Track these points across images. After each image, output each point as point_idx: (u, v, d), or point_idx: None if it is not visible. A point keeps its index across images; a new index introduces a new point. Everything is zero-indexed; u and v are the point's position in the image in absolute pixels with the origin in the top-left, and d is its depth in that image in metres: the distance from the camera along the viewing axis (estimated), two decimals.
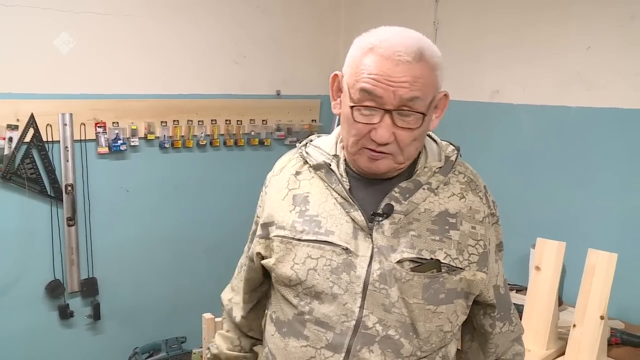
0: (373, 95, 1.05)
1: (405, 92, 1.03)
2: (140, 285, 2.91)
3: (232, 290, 1.42)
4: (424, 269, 1.10)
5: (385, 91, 1.04)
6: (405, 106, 1.05)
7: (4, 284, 2.55)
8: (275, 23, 3.13)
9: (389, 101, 1.04)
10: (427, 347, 1.13)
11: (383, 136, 1.06)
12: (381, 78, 1.04)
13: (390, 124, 1.06)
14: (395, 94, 1.04)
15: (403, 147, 1.09)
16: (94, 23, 2.61)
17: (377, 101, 1.05)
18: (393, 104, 1.04)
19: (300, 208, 1.18)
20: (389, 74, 1.03)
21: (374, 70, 1.04)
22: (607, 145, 2.25)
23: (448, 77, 3.07)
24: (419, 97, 1.05)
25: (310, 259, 1.14)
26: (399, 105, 1.05)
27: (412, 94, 1.04)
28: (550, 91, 2.43)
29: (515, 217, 2.49)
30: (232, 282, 1.43)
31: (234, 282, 1.42)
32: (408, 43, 1.05)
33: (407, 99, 1.04)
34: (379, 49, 1.05)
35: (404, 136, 1.07)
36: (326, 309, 1.12)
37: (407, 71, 1.03)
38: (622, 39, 2.19)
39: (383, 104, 1.05)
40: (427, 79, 1.05)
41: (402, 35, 1.07)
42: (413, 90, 1.04)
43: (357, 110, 1.07)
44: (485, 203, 1.19)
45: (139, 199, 2.85)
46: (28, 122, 2.48)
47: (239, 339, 1.41)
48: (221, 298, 1.45)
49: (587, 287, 1.84)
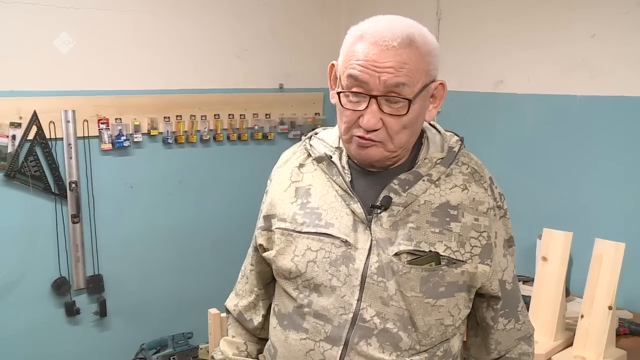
0: (359, 81, 1.05)
1: (389, 78, 1.03)
2: (146, 281, 2.92)
3: (237, 295, 1.39)
4: (422, 262, 1.09)
5: (370, 77, 1.04)
6: (392, 92, 1.04)
7: (10, 282, 2.56)
8: (276, 16, 3.12)
9: (375, 87, 1.04)
10: (426, 341, 1.12)
11: (369, 121, 1.05)
12: (367, 64, 1.04)
13: (376, 109, 1.05)
14: (380, 80, 1.03)
15: (392, 134, 1.08)
16: (95, 19, 2.60)
17: (364, 87, 1.05)
18: (379, 89, 1.04)
19: (302, 200, 1.18)
20: (374, 59, 1.03)
21: (361, 57, 1.04)
22: (613, 133, 2.23)
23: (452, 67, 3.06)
24: (404, 83, 1.04)
25: (309, 251, 1.13)
26: (385, 91, 1.04)
27: (397, 80, 1.03)
28: (555, 80, 2.41)
29: (521, 208, 2.48)
30: (236, 288, 1.41)
31: (237, 287, 1.40)
32: (396, 29, 1.04)
33: (393, 85, 1.03)
34: (367, 35, 1.05)
35: (392, 123, 1.07)
36: (325, 301, 1.12)
37: (393, 57, 1.03)
38: (628, 25, 2.16)
39: (369, 89, 1.05)
40: (415, 65, 1.04)
41: (393, 22, 1.07)
42: (398, 76, 1.03)
43: (344, 96, 1.08)
44: (491, 195, 1.17)
45: (143, 195, 2.85)
46: (31, 120, 2.48)
47: (246, 343, 1.38)
48: (226, 305, 1.42)
49: (594, 277, 1.82)
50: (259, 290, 1.35)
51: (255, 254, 1.32)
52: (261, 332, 1.37)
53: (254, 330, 1.37)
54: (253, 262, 1.33)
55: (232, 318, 1.41)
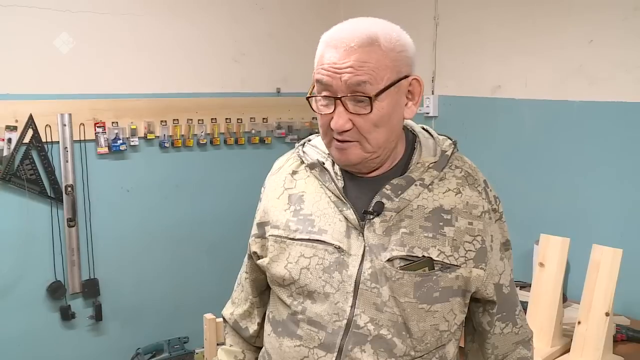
0: (325, 85, 1.07)
1: (349, 77, 1.04)
2: (142, 286, 2.91)
3: (233, 304, 1.39)
4: (415, 267, 1.09)
5: (333, 79, 1.05)
6: (356, 91, 1.05)
7: (5, 286, 2.54)
8: (274, 20, 3.12)
9: (338, 88, 1.05)
10: (421, 347, 1.11)
11: (337, 122, 1.06)
12: (329, 67, 1.06)
13: (343, 110, 1.06)
14: (342, 80, 1.04)
15: (364, 133, 1.08)
16: (92, 22, 2.60)
17: (330, 90, 1.07)
18: (342, 90, 1.05)
19: (295, 207, 1.17)
20: (334, 62, 1.05)
21: (324, 61, 1.07)
22: (610, 139, 2.23)
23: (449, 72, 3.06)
24: (366, 81, 1.04)
25: (303, 258, 1.13)
26: (349, 91, 1.05)
27: (357, 78, 1.03)
28: (553, 85, 2.40)
29: (518, 213, 2.47)
30: (232, 297, 1.40)
31: (234, 295, 1.40)
32: (357, 31, 1.06)
33: (354, 84, 1.04)
34: (330, 40, 1.08)
35: (361, 122, 1.07)
36: (318, 308, 1.11)
37: (351, 56, 1.04)
38: (625, 31, 2.16)
39: (335, 92, 1.06)
40: (377, 62, 1.04)
41: (356, 24, 1.08)
42: (358, 74, 1.03)
43: (313, 101, 1.11)
44: (485, 198, 1.16)
45: (140, 199, 2.84)
46: (27, 123, 2.47)
47: (243, 352, 1.38)
48: (222, 314, 1.42)
49: (591, 283, 1.82)
50: (254, 298, 1.35)
51: (250, 262, 1.32)
52: (257, 340, 1.37)
53: (249, 339, 1.37)
54: (247, 270, 1.33)
55: (229, 327, 1.40)
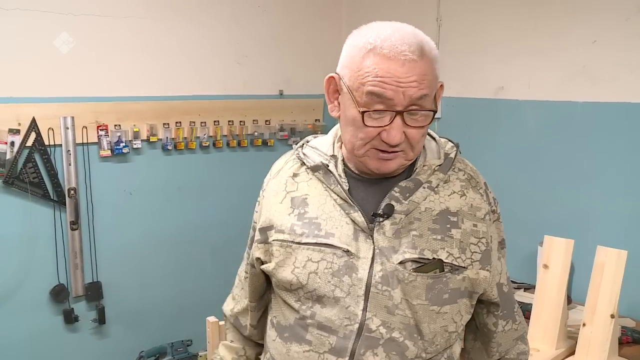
0: (383, 98, 1.02)
1: (415, 92, 1.02)
2: (145, 289, 2.90)
3: (234, 299, 1.39)
4: (427, 269, 1.09)
5: (395, 92, 1.02)
6: (415, 105, 1.04)
7: (9, 289, 2.54)
8: (276, 22, 3.12)
9: (399, 102, 1.02)
10: (432, 349, 1.12)
11: (395, 137, 1.04)
12: (389, 80, 1.01)
13: (401, 124, 1.04)
14: (405, 95, 1.02)
15: (414, 144, 1.08)
16: (94, 25, 2.60)
17: (387, 103, 1.03)
18: (403, 104, 1.03)
19: (299, 210, 1.16)
20: (397, 75, 1.01)
21: (380, 73, 1.01)
22: (614, 140, 2.23)
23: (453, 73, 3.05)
24: (427, 94, 1.04)
25: (311, 262, 1.12)
26: (409, 105, 1.03)
27: (421, 93, 1.03)
28: (556, 86, 2.40)
29: (522, 215, 2.47)
30: (233, 292, 1.40)
31: (234, 291, 1.39)
32: (409, 40, 1.02)
33: (417, 98, 1.03)
34: (381, 49, 1.02)
35: (414, 134, 1.06)
36: (328, 312, 1.10)
37: (414, 69, 1.01)
38: (628, 32, 2.16)
39: (393, 105, 1.03)
40: (431, 74, 1.04)
41: (401, 32, 1.04)
42: (422, 88, 1.02)
43: (367, 115, 1.05)
44: (486, 200, 1.17)
45: (143, 201, 2.84)
46: (30, 126, 2.47)
47: (244, 348, 1.39)
48: (223, 310, 1.42)
49: (596, 285, 1.81)
50: (252, 303, 1.34)
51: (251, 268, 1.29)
52: (253, 336, 1.37)
53: (246, 335, 1.37)
54: (247, 272, 1.31)
55: (229, 323, 1.41)
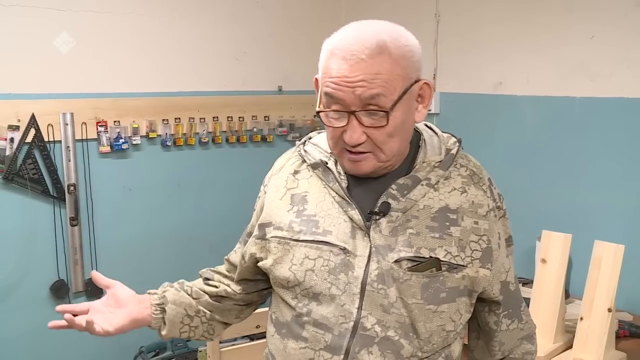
0: (335, 99, 1.04)
1: (363, 91, 1.01)
2: (145, 284, 2.85)
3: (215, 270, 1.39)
4: (423, 268, 1.08)
5: (345, 93, 1.02)
6: (370, 104, 1.03)
7: (8, 285, 2.55)
8: (275, 18, 3.11)
9: (351, 102, 1.03)
10: (428, 348, 1.11)
11: (352, 137, 1.05)
12: (339, 80, 1.03)
13: (357, 124, 1.04)
14: (355, 94, 1.02)
15: (379, 144, 1.06)
16: (93, 22, 2.60)
17: (342, 104, 1.04)
18: (356, 104, 1.03)
19: (298, 208, 1.16)
20: (345, 75, 1.02)
21: (333, 74, 1.04)
22: (612, 135, 2.23)
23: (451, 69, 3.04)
24: (380, 93, 1.02)
25: (308, 260, 1.12)
26: (362, 105, 1.03)
27: (371, 92, 1.01)
28: (554, 82, 2.40)
29: (520, 210, 2.47)
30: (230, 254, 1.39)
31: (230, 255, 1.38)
32: (364, 40, 1.02)
33: (368, 97, 1.02)
34: (336, 50, 1.05)
35: (376, 134, 1.05)
36: (324, 310, 1.10)
37: (363, 69, 1.01)
38: (627, 27, 2.16)
39: (347, 106, 1.04)
40: (389, 73, 1.02)
41: (360, 32, 1.05)
42: (372, 88, 1.01)
43: (324, 115, 1.08)
44: (490, 196, 1.16)
45: (142, 197, 2.84)
46: (29, 123, 2.47)
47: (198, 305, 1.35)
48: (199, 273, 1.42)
49: (594, 279, 1.82)
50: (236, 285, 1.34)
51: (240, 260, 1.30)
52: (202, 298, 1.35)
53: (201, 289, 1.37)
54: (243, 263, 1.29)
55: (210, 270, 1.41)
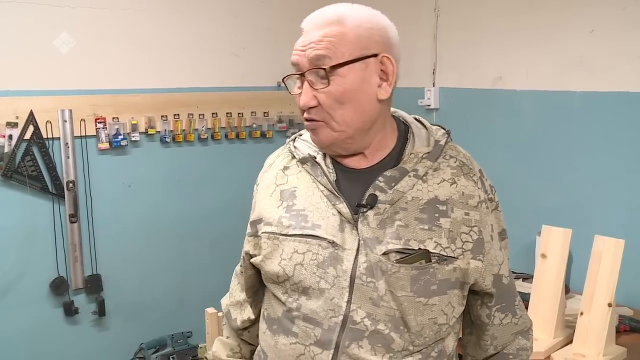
0: (294, 65, 1.10)
1: (310, 52, 1.06)
2: (145, 281, 2.91)
3: (230, 294, 1.39)
4: (411, 260, 1.07)
5: (299, 57, 1.08)
6: (316, 66, 1.06)
7: (8, 282, 2.55)
8: (274, 14, 3.11)
9: (303, 65, 1.08)
10: (420, 341, 1.10)
11: (302, 99, 1.08)
12: (297, 47, 1.09)
13: (308, 87, 1.08)
14: (306, 57, 1.07)
15: (328, 110, 1.08)
16: (91, 18, 2.60)
17: (297, 68, 1.10)
18: (306, 66, 1.07)
19: (287, 203, 1.16)
20: (301, 42, 1.09)
21: (295, 46, 1.10)
22: (612, 129, 2.22)
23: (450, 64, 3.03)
24: (325, 55, 1.05)
25: (297, 254, 1.11)
26: (310, 66, 1.07)
27: (316, 53, 1.05)
28: (554, 76, 2.39)
29: (520, 205, 2.47)
30: (231, 287, 1.40)
31: (231, 286, 1.39)
32: (324, 12, 1.10)
33: (314, 58, 1.06)
34: (303, 25, 1.12)
35: (323, 98, 1.07)
36: (314, 304, 1.10)
37: (315, 34, 1.07)
38: (626, 21, 2.15)
39: (301, 70, 1.09)
40: (339, 38, 1.06)
41: (327, 8, 1.11)
42: (318, 49, 1.05)
43: (290, 85, 1.14)
44: (481, 187, 1.14)
45: (141, 194, 2.84)
46: (27, 119, 2.47)
47: (239, 345, 1.37)
48: (221, 303, 1.42)
49: (594, 274, 1.81)
50: (248, 298, 1.33)
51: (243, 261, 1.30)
52: (244, 333, 1.36)
53: (237, 330, 1.35)
54: (242, 265, 1.32)
55: (224, 316, 1.40)
